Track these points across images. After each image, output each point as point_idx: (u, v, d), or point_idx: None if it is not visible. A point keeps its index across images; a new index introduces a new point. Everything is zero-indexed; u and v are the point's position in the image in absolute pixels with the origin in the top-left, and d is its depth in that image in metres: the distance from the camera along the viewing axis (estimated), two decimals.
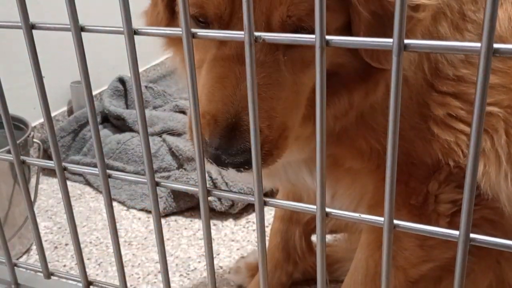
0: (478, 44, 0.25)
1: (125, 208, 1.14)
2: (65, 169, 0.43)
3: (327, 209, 0.33)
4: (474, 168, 0.27)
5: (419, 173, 0.53)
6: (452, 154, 0.52)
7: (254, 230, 1.03)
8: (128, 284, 0.45)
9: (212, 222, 1.04)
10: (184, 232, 1.04)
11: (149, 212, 1.11)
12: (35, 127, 1.29)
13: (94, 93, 1.16)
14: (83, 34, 0.35)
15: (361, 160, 0.55)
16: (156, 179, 0.40)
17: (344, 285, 0.61)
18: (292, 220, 0.78)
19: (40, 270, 0.50)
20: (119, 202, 1.15)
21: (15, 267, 0.50)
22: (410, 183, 0.53)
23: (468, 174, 0.27)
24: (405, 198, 0.53)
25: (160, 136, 1.31)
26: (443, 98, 0.51)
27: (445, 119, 0.52)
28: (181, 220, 1.09)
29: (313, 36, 0.29)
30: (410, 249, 0.54)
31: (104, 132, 1.37)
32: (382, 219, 0.32)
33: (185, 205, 1.11)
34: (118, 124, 1.40)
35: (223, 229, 1.05)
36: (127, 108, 1.47)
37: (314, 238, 0.88)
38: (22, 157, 0.44)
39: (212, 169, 1.13)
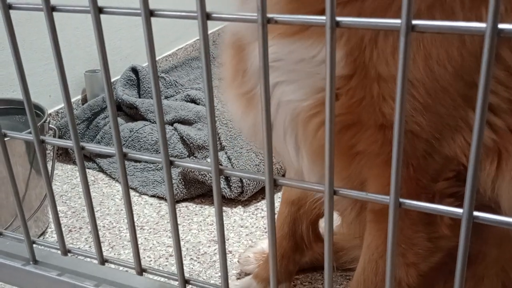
0: (484, 25, 0.26)
1: (137, 194, 1.16)
2: (82, 148, 0.45)
3: (335, 188, 0.34)
4: (478, 145, 0.28)
5: (435, 168, 0.50)
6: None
7: (263, 217, 1.05)
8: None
9: None
10: (195, 218, 1.06)
11: (160, 198, 1.14)
12: (50, 114, 1.32)
13: None
14: None
15: (382, 138, 0.48)
16: (170, 158, 0.41)
17: (354, 282, 0.61)
18: (300, 208, 0.79)
19: (58, 247, 0.52)
20: (132, 188, 1.17)
21: (34, 245, 0.52)
22: (422, 181, 0.51)
23: (473, 152, 0.28)
24: (415, 197, 0.51)
25: (172, 125, 1.33)
26: (495, 85, 0.46)
27: (493, 108, 0.47)
28: (192, 206, 1.11)
29: (323, 17, 0.29)
30: (419, 244, 0.55)
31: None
32: (388, 197, 0.33)
33: (196, 192, 1.13)
34: (131, 113, 1.42)
35: (232, 216, 1.07)
36: (139, 97, 1.49)
37: (321, 224, 0.89)
38: (41, 137, 0.46)
39: (222, 156, 1.14)
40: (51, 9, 0.38)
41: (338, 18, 0.29)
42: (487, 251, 0.58)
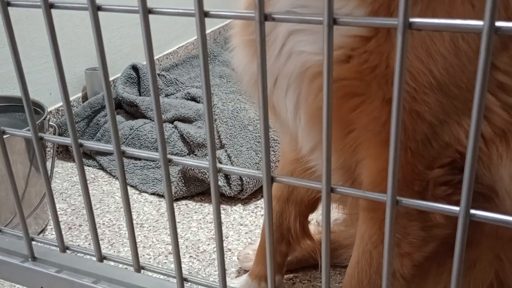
0: (481, 23, 0.26)
1: (137, 192, 1.16)
2: (81, 146, 0.45)
3: (333, 185, 0.34)
4: (475, 143, 0.28)
5: (432, 154, 0.49)
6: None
7: (262, 215, 1.05)
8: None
9: (221, 207, 1.06)
10: (194, 216, 1.07)
11: (160, 196, 1.14)
12: (50, 112, 1.32)
13: None
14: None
15: (386, 115, 0.46)
16: (168, 156, 0.41)
17: (347, 276, 0.61)
18: (289, 200, 0.78)
19: (56, 244, 0.52)
20: (131, 186, 1.17)
21: (32, 242, 0.52)
22: (418, 167, 0.50)
23: (470, 150, 0.28)
24: (409, 183, 0.51)
25: (172, 123, 1.33)
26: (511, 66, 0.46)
27: (507, 88, 0.46)
28: (191, 204, 1.11)
29: (320, 15, 0.29)
30: (413, 233, 0.54)
31: (117, 118, 1.39)
32: (385, 195, 0.33)
33: (196, 190, 1.13)
34: (131, 111, 1.42)
35: (232, 214, 1.07)
36: (139, 95, 1.49)
37: (315, 219, 0.89)
38: (40, 134, 0.46)
39: (222, 154, 1.14)
40: (49, 6, 0.38)
41: (336, 16, 0.29)
42: (483, 239, 0.58)
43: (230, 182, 1.09)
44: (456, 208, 0.31)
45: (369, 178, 0.52)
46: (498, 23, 0.26)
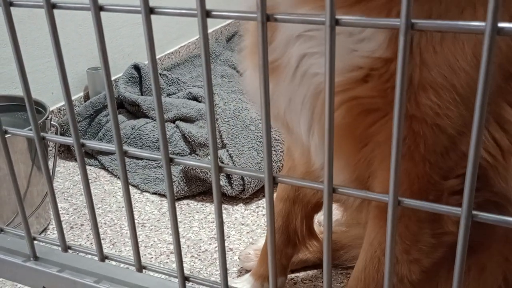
0: (483, 23, 0.26)
1: (138, 191, 1.16)
2: (83, 145, 0.45)
3: (334, 185, 0.34)
4: (478, 143, 0.28)
5: (449, 165, 0.50)
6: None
7: (264, 215, 1.05)
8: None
9: (223, 206, 1.06)
10: (196, 216, 1.07)
11: (162, 195, 1.14)
12: (52, 111, 1.32)
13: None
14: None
15: (405, 130, 0.47)
16: (170, 156, 0.41)
17: (353, 279, 0.61)
18: (295, 202, 0.78)
19: (58, 243, 0.52)
20: (133, 185, 1.17)
21: (34, 241, 0.53)
22: (434, 178, 0.50)
23: (472, 151, 0.28)
24: (424, 193, 0.52)
25: (174, 122, 1.33)
26: None
27: None
28: (193, 204, 1.11)
29: (323, 16, 0.29)
30: (423, 240, 0.55)
31: (119, 117, 1.40)
32: (387, 195, 0.33)
33: (197, 189, 1.13)
34: (133, 110, 1.43)
35: (233, 213, 1.07)
36: (141, 94, 1.49)
37: (316, 219, 0.89)
38: (42, 133, 0.46)
39: (223, 154, 1.14)
40: (51, 6, 0.38)
41: (338, 17, 0.29)
42: (493, 244, 0.58)
43: (232, 181, 1.09)
44: (458, 209, 0.31)
45: (381, 188, 0.53)
46: (501, 24, 0.26)
